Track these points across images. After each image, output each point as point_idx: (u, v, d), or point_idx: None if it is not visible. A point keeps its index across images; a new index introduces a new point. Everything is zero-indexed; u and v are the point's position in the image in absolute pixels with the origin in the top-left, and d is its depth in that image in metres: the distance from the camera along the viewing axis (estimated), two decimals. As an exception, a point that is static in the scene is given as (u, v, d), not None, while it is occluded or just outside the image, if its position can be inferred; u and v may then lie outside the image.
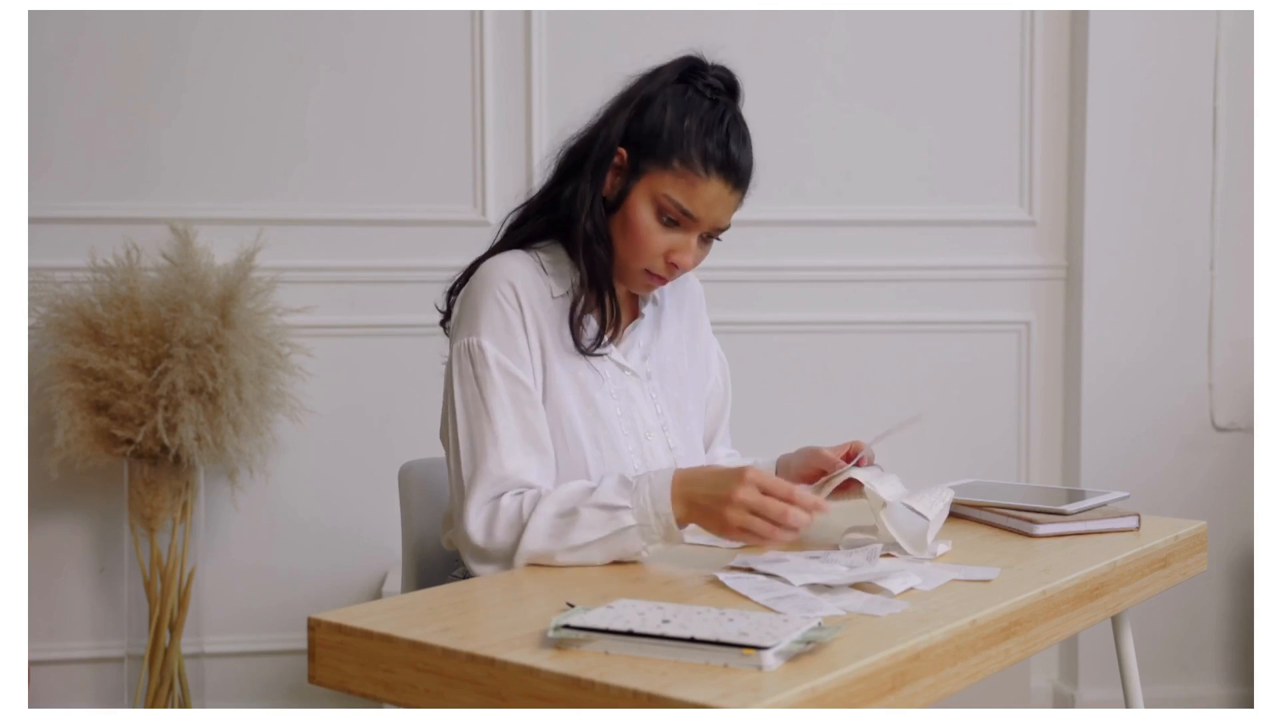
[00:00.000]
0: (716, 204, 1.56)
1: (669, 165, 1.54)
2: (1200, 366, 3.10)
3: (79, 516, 2.86)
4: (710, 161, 1.54)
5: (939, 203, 3.09)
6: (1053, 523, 1.63)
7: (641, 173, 1.56)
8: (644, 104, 1.56)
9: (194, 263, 2.71)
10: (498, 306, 1.55)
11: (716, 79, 1.60)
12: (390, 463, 2.09)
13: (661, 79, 1.58)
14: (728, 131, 1.56)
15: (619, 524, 1.42)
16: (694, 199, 1.55)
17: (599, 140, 1.57)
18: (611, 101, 1.61)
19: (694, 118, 1.55)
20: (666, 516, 1.42)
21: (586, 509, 1.43)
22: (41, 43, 2.79)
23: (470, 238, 1.78)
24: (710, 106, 1.56)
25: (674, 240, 1.57)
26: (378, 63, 2.91)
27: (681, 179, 1.54)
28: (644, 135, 1.55)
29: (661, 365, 1.70)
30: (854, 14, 3.03)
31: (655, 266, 1.58)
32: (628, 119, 1.57)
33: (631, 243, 1.57)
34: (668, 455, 1.65)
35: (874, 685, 1.08)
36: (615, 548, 1.44)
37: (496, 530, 1.46)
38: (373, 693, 1.20)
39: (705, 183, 1.54)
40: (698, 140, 1.54)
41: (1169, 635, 3.07)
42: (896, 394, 3.08)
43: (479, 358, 1.52)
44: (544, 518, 1.44)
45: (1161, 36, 3.04)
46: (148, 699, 2.72)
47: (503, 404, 1.51)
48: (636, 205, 1.56)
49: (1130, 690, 1.77)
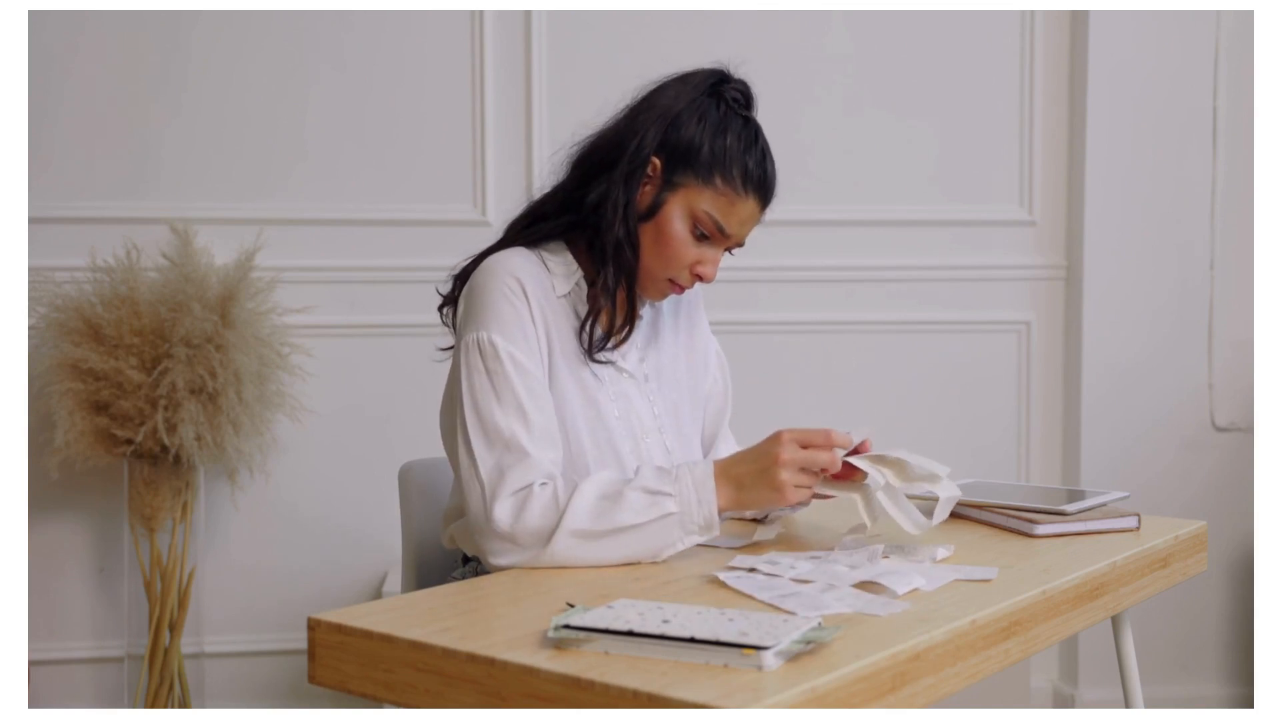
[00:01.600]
0: (749, 221, 1.60)
1: (710, 182, 1.56)
2: (1200, 366, 3.10)
3: (79, 516, 2.86)
4: (749, 181, 1.57)
5: (939, 203, 3.09)
6: (1053, 523, 1.63)
7: (678, 185, 1.56)
8: (677, 115, 1.57)
9: (194, 263, 2.71)
10: (506, 300, 1.54)
11: (740, 94, 1.61)
12: (390, 463, 2.09)
13: (691, 90, 1.59)
14: (763, 151, 1.59)
15: (661, 510, 1.43)
16: (731, 216, 1.57)
17: (630, 148, 1.57)
18: (633, 107, 1.61)
19: (733, 135, 1.57)
20: (710, 505, 1.43)
21: (632, 491, 1.43)
22: (41, 43, 2.79)
23: (470, 238, 1.78)
24: (744, 124, 1.59)
25: (703, 253, 1.59)
26: (378, 63, 2.91)
27: (722, 196, 1.56)
28: (681, 148, 1.56)
29: (659, 367, 1.70)
30: (854, 14, 3.03)
31: (681, 278, 1.60)
32: (662, 129, 1.56)
33: (663, 253, 1.58)
34: (665, 457, 1.65)
35: (874, 685, 1.08)
36: (654, 538, 1.44)
37: (529, 515, 1.44)
38: (373, 693, 1.20)
39: (744, 201, 1.57)
40: (739, 158, 1.56)
41: (1169, 635, 3.07)
42: (896, 394, 3.08)
43: (489, 352, 1.52)
44: (586, 498, 1.43)
45: (1161, 36, 3.04)
46: (148, 699, 2.72)
47: (517, 396, 1.50)
48: (671, 217, 1.57)
49: (1130, 690, 1.77)
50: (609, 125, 1.62)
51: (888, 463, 1.52)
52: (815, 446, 1.43)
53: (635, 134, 1.57)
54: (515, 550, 1.45)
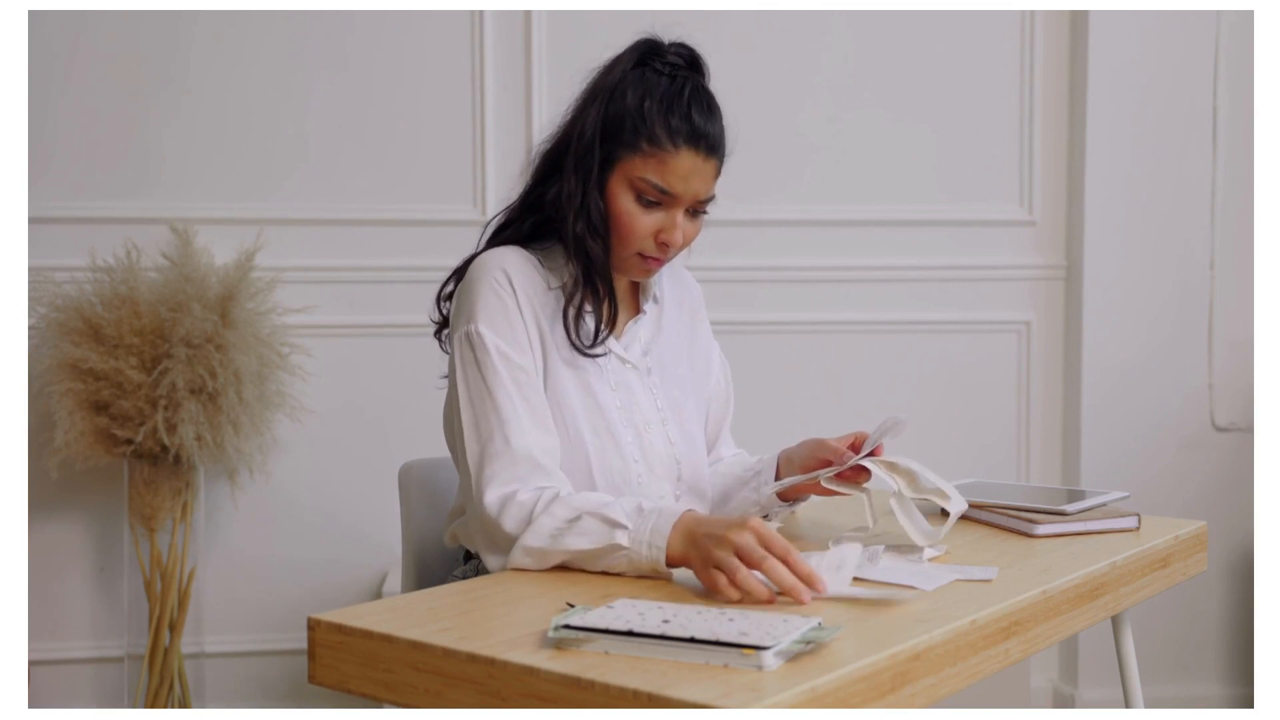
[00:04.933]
0: (693, 176, 1.57)
1: (638, 148, 1.55)
2: (1200, 366, 3.10)
3: (79, 516, 2.86)
4: (677, 135, 1.55)
5: (939, 203, 3.09)
6: (1053, 523, 1.63)
7: (615, 161, 1.57)
8: (609, 94, 1.58)
9: (194, 263, 2.71)
10: (493, 293, 1.56)
11: (676, 56, 1.61)
12: (390, 462, 2.09)
13: (620, 67, 1.60)
14: (689, 103, 1.57)
15: (611, 540, 1.40)
16: (668, 175, 1.55)
17: (574, 138, 1.59)
18: (578, 98, 1.63)
19: (653, 98, 1.56)
20: (658, 550, 1.38)
21: (590, 517, 1.42)
22: (41, 43, 2.79)
23: (470, 238, 1.78)
24: (670, 83, 1.58)
25: (659, 220, 1.58)
26: (378, 63, 2.91)
27: (652, 158, 1.55)
28: (611, 123, 1.57)
29: (662, 361, 1.70)
30: (854, 14, 3.03)
31: (646, 248, 1.59)
32: (599, 112, 1.58)
33: (619, 231, 1.58)
34: (668, 449, 1.65)
35: (874, 685, 1.08)
36: (600, 562, 1.42)
37: (506, 519, 1.45)
38: (373, 693, 1.20)
39: (675, 157, 1.55)
40: (660, 117, 1.55)
41: (1169, 635, 3.07)
42: (897, 394, 3.08)
43: (479, 344, 1.53)
44: (554, 518, 1.43)
45: (1161, 36, 3.04)
46: (148, 699, 2.72)
47: (505, 387, 1.51)
48: (616, 194, 1.57)
49: (1130, 690, 1.77)
50: (561, 122, 1.64)
51: (899, 471, 1.51)
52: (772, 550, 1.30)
53: (577, 124, 1.59)
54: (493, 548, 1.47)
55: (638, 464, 1.62)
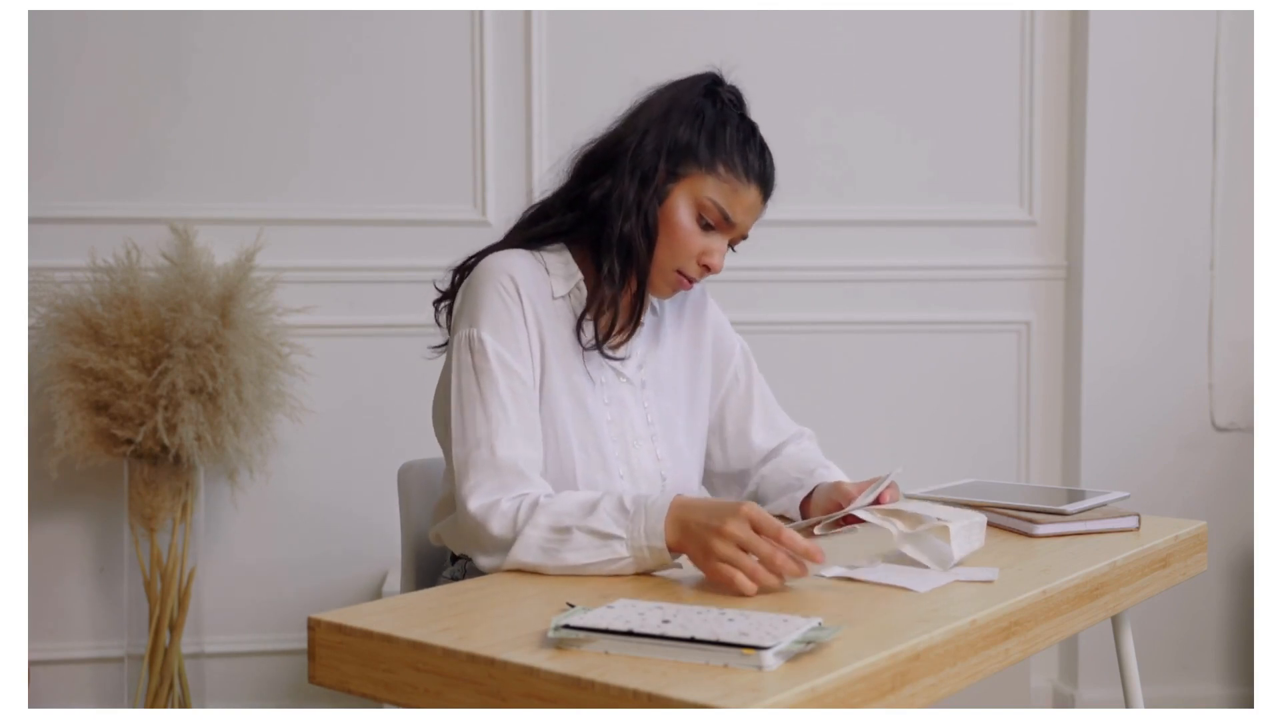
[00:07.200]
0: (752, 211, 1.62)
1: (714, 170, 1.59)
2: (1200, 366, 3.10)
3: (79, 516, 2.86)
4: (750, 170, 1.60)
5: (939, 203, 3.09)
6: (1053, 523, 1.63)
7: (681, 176, 1.59)
8: (676, 112, 1.60)
9: (194, 263, 2.71)
10: (499, 299, 1.56)
11: (734, 96, 1.66)
12: (390, 463, 2.09)
13: (688, 89, 1.63)
14: (761, 146, 1.63)
15: (612, 553, 1.40)
16: (735, 204, 1.60)
17: (632, 144, 1.59)
18: (634, 109, 1.64)
19: (731, 128, 1.61)
20: (660, 550, 1.39)
21: (580, 532, 1.41)
22: (41, 43, 2.79)
23: (470, 238, 1.78)
24: (740, 120, 1.63)
25: (709, 243, 1.61)
26: (378, 63, 2.91)
27: (726, 184, 1.59)
28: (682, 142, 1.59)
29: (657, 375, 1.71)
30: (854, 14, 3.03)
31: (689, 269, 1.61)
32: (662, 125, 1.60)
33: (669, 243, 1.59)
34: (654, 465, 1.66)
35: (874, 685, 1.08)
36: (607, 571, 1.42)
37: (492, 524, 1.45)
38: (373, 693, 1.20)
39: (747, 189, 1.60)
40: (740, 149, 1.60)
41: (1169, 635, 3.07)
42: (897, 394, 3.08)
43: (479, 349, 1.54)
44: (539, 529, 1.43)
45: (1161, 36, 3.04)
46: (148, 699, 2.72)
47: (500, 396, 1.52)
48: (677, 206, 1.59)
49: (1130, 690, 1.77)
50: (610, 128, 1.65)
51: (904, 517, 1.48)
52: (765, 535, 1.32)
53: (636, 132, 1.60)
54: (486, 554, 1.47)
55: (623, 480, 1.63)
